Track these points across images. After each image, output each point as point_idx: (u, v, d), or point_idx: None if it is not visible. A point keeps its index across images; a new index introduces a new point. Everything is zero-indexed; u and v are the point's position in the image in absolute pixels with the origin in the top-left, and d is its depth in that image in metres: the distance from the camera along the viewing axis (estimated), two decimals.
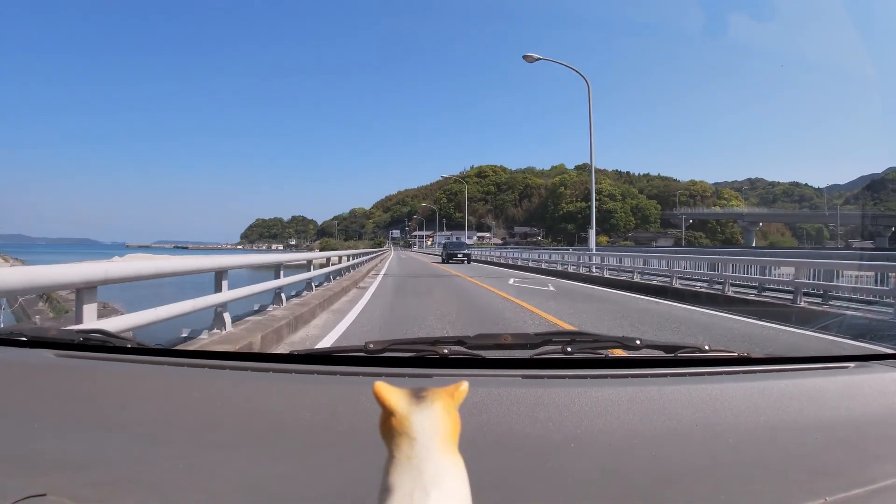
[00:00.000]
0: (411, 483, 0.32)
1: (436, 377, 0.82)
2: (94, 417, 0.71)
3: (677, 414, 0.71)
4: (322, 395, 0.75)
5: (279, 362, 0.91)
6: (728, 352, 0.97)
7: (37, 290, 2.38)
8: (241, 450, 0.62)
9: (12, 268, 2.40)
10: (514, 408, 0.71)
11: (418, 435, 0.34)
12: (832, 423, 0.72)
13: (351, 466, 0.57)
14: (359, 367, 0.87)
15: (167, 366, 0.89)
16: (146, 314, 2.99)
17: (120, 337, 1.06)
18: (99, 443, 0.64)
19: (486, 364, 0.90)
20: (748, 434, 0.68)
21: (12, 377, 0.82)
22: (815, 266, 7.87)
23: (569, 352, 0.91)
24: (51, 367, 0.85)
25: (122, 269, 2.92)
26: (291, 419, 0.69)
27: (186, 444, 0.64)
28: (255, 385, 0.79)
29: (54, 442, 0.63)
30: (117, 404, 0.74)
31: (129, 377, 0.83)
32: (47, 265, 2.34)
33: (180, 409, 0.72)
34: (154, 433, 0.66)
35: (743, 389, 0.78)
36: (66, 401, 0.75)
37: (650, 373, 0.87)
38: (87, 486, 0.54)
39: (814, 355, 1.00)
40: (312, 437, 0.66)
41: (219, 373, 0.84)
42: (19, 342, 0.96)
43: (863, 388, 0.82)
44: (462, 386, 0.38)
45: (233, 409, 0.72)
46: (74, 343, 0.98)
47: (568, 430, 0.67)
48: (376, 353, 0.91)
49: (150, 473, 0.57)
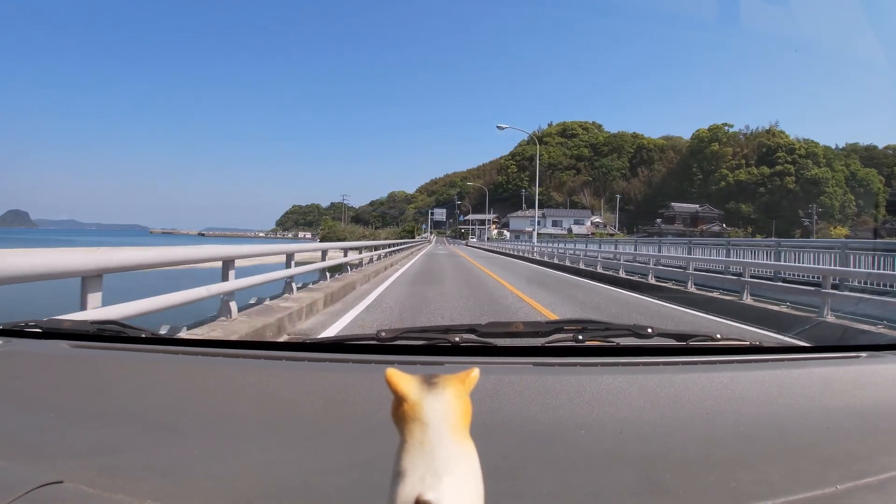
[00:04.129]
0: (423, 468, 0.32)
1: (447, 365, 0.82)
2: (109, 407, 0.72)
3: (688, 402, 0.71)
4: (334, 382, 0.75)
5: (292, 350, 0.92)
6: (740, 341, 0.96)
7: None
8: (255, 437, 0.63)
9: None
10: (525, 395, 0.71)
11: (430, 420, 0.34)
12: (843, 412, 0.71)
13: (363, 452, 0.58)
14: (371, 355, 0.88)
15: (181, 355, 0.90)
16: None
17: (134, 327, 1.06)
18: (114, 432, 0.64)
19: (498, 352, 0.90)
20: (759, 422, 0.68)
21: (28, 368, 0.82)
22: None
23: (580, 340, 0.91)
24: (66, 358, 0.86)
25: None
26: (305, 406, 0.70)
27: (201, 433, 0.64)
28: (268, 373, 0.79)
29: (70, 431, 0.64)
30: (132, 394, 0.74)
31: (144, 367, 0.83)
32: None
33: (195, 398, 0.73)
34: (169, 422, 0.67)
35: (754, 378, 0.78)
36: (82, 391, 0.76)
37: (661, 361, 0.86)
38: (103, 473, 0.54)
39: (825, 344, 1.03)
40: (325, 423, 0.66)
41: (232, 361, 0.85)
42: (34, 333, 0.98)
43: (874, 377, 0.81)
44: (473, 372, 0.37)
45: (247, 397, 0.72)
46: (89, 334, 0.99)
47: (579, 417, 0.67)
48: (388, 340, 0.91)
49: (165, 461, 0.58)
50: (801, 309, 5.96)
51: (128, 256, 2.85)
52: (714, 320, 6.09)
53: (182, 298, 3.29)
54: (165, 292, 3.16)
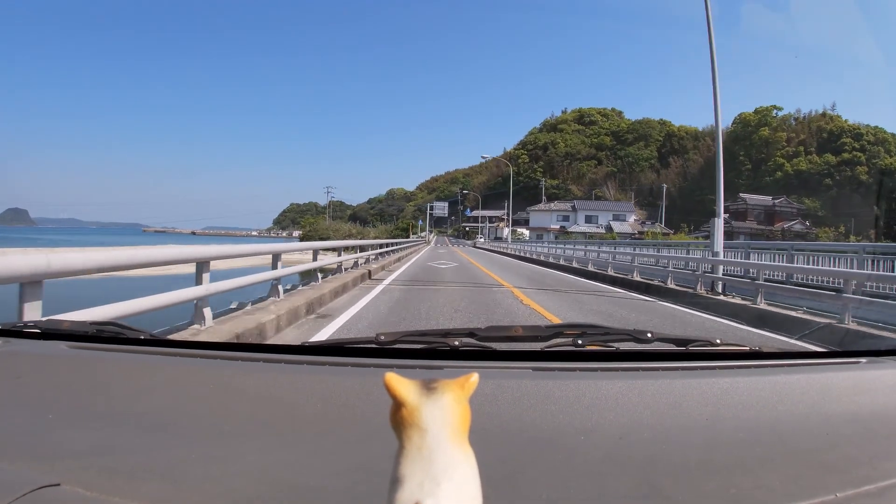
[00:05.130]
0: (422, 473, 0.32)
1: (446, 369, 0.81)
2: (107, 408, 0.71)
3: (688, 407, 0.71)
4: (333, 385, 0.75)
5: (291, 353, 0.92)
6: (740, 346, 0.96)
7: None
8: (254, 440, 0.63)
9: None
10: (524, 400, 0.70)
11: (429, 426, 0.33)
12: (843, 418, 0.71)
13: (362, 457, 0.57)
14: (370, 359, 0.87)
15: (180, 357, 0.89)
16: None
17: (134, 329, 1.06)
18: (112, 433, 0.64)
19: (497, 356, 0.89)
20: (759, 429, 0.68)
21: (27, 369, 0.82)
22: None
23: (579, 344, 0.90)
24: (64, 359, 0.86)
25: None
26: (303, 410, 0.69)
27: (199, 435, 0.64)
28: (267, 376, 0.79)
29: (68, 432, 0.64)
30: (131, 395, 0.74)
31: (143, 368, 0.83)
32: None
33: (193, 400, 0.73)
34: (167, 424, 0.66)
35: (754, 384, 0.78)
36: (80, 392, 0.76)
37: (661, 366, 0.85)
38: (101, 475, 0.54)
39: (826, 350, 1.03)
40: (324, 427, 0.66)
41: (231, 364, 0.84)
42: (33, 334, 0.98)
43: (875, 383, 0.81)
44: (472, 377, 0.37)
45: (245, 399, 0.72)
46: (88, 335, 0.99)
47: (578, 422, 0.67)
48: (387, 344, 0.91)
49: (163, 463, 0.58)
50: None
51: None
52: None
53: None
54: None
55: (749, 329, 5.45)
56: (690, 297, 7.78)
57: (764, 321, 5.78)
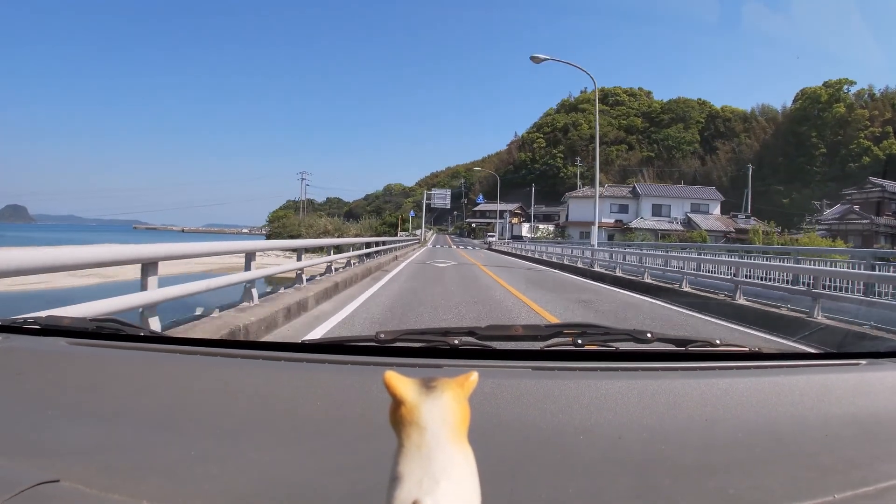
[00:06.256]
0: (421, 472, 0.32)
1: (446, 367, 0.81)
2: (106, 405, 0.71)
3: (687, 408, 0.71)
4: (333, 383, 0.75)
5: (291, 351, 0.91)
6: (740, 347, 0.95)
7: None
8: (253, 437, 0.63)
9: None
10: (523, 399, 0.70)
11: (428, 424, 0.33)
12: (843, 420, 0.71)
13: (361, 455, 0.57)
14: (369, 357, 0.87)
15: (180, 354, 0.89)
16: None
17: (133, 325, 1.05)
18: (112, 430, 0.64)
19: (497, 355, 0.89)
20: (758, 430, 0.67)
21: (26, 365, 0.82)
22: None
23: (579, 344, 0.90)
24: (64, 355, 0.86)
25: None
26: (302, 407, 0.69)
27: (198, 432, 0.64)
28: (267, 373, 0.79)
29: (67, 429, 0.64)
30: (130, 392, 0.74)
31: (142, 365, 0.83)
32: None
33: (193, 397, 0.73)
34: (166, 420, 0.67)
35: (753, 385, 0.77)
36: (79, 388, 0.76)
37: (661, 366, 0.85)
38: (100, 472, 0.54)
39: (826, 351, 1.04)
40: (323, 425, 0.66)
41: (232, 361, 0.84)
42: (33, 330, 0.98)
43: (874, 385, 0.81)
44: (472, 376, 0.37)
45: (245, 396, 0.72)
46: (88, 331, 0.99)
47: (577, 421, 0.67)
48: (387, 342, 0.91)
49: (162, 460, 0.58)
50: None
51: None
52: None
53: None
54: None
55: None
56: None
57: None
